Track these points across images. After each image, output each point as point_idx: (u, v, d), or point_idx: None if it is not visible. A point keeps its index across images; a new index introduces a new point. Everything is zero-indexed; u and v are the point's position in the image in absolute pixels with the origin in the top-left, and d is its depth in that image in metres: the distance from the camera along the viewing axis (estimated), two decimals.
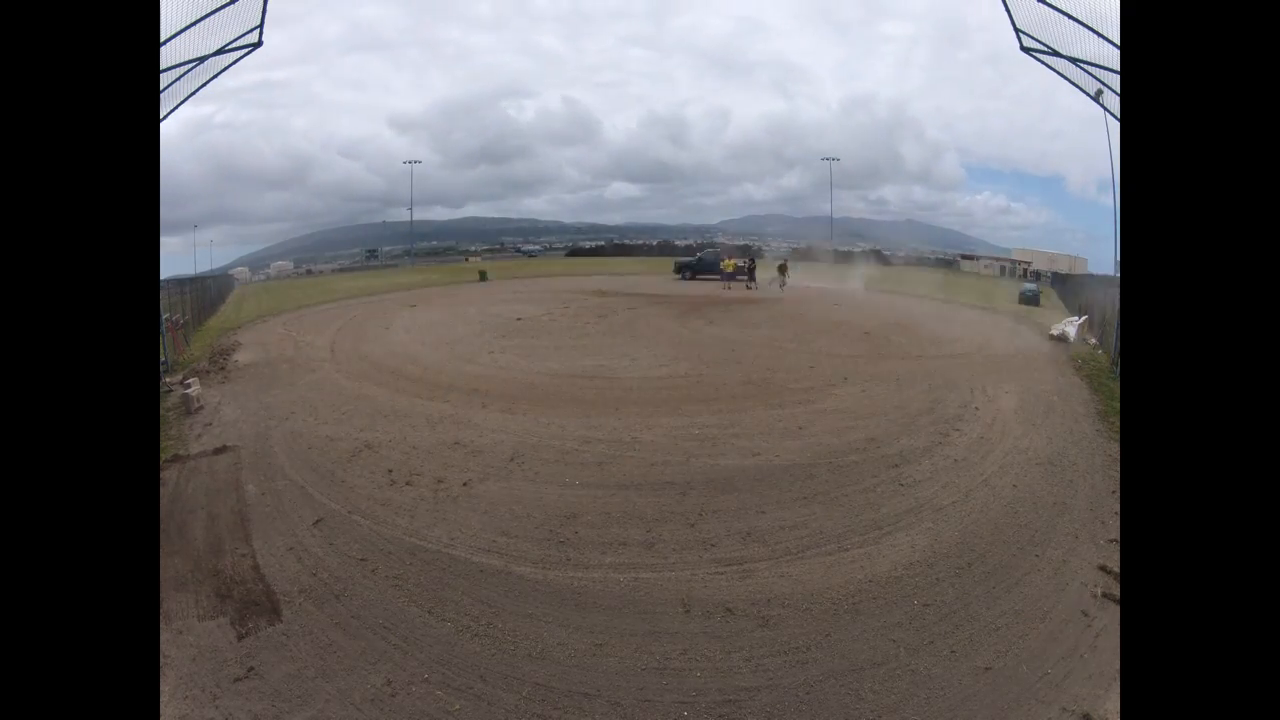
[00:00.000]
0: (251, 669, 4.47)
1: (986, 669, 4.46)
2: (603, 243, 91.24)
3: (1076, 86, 11.90)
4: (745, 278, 35.60)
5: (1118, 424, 9.51)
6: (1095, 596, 5.30)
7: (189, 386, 11.80)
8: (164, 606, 5.15)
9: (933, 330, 19.53)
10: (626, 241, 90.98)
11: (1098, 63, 10.19)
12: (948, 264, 68.21)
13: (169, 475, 8.12)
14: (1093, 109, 12.75)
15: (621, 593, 5.44)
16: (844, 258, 58.65)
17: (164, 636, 4.76)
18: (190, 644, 4.75)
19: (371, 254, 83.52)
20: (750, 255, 42.24)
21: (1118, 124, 12.01)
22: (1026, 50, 11.19)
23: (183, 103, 10.54)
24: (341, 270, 69.53)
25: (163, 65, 8.69)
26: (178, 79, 9.73)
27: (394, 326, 21.09)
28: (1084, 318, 19.28)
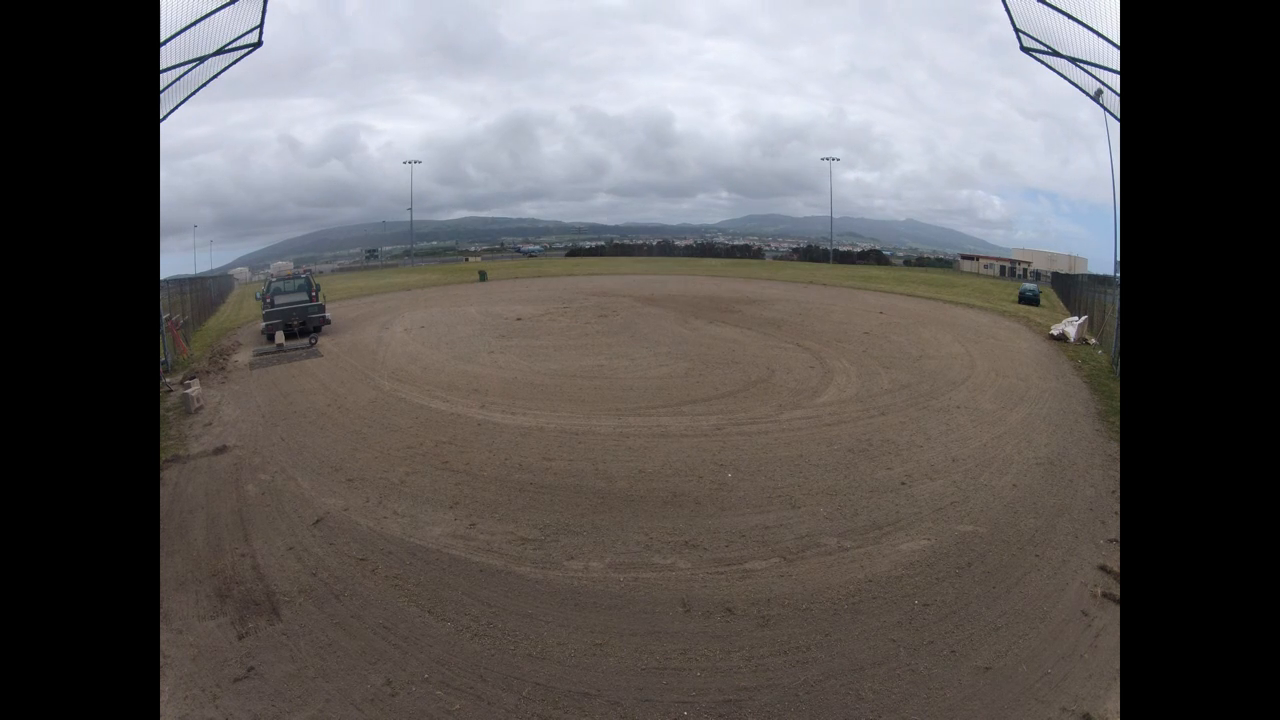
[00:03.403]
0: (251, 669, 4.47)
1: (986, 669, 4.45)
2: (602, 243, 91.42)
3: (1076, 86, 11.91)
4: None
5: (1117, 424, 9.51)
6: (1095, 596, 5.29)
7: (189, 386, 11.82)
8: (164, 606, 5.15)
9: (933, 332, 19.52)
10: (626, 241, 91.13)
11: (1098, 62, 10.19)
12: (947, 264, 68.33)
13: (169, 475, 8.12)
14: (1093, 109, 12.75)
15: (621, 592, 5.44)
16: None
17: (164, 636, 4.76)
18: (190, 644, 4.75)
19: (371, 254, 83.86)
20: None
21: (1118, 124, 12.02)
22: (1026, 50, 11.19)
23: (183, 103, 10.56)
24: (341, 270, 69.54)
25: (163, 65, 8.70)
26: (178, 79, 9.73)
27: (393, 326, 21.12)
28: (1084, 318, 19.28)
